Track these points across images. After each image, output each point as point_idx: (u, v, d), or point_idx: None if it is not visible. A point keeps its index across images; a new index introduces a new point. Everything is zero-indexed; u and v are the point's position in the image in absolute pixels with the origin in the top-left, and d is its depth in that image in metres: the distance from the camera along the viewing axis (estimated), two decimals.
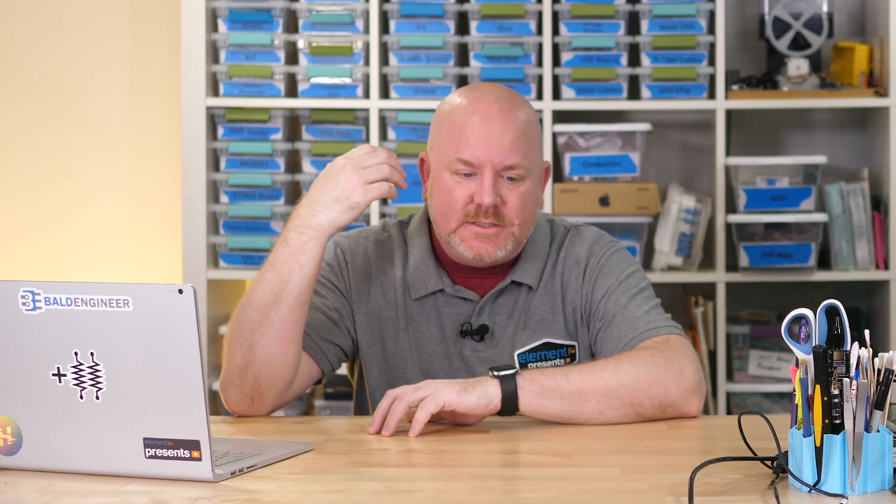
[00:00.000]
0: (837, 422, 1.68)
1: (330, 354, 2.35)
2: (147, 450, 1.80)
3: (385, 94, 3.81)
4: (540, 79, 3.77)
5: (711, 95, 3.77)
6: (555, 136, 3.78)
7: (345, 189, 2.22)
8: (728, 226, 3.76)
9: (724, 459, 1.79)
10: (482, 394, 2.10)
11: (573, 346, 2.37)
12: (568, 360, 2.36)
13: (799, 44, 3.81)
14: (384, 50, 3.81)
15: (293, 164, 3.90)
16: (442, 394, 2.08)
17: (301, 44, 3.81)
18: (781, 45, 3.80)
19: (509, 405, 2.11)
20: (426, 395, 2.08)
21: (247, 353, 2.22)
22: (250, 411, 2.26)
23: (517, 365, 2.34)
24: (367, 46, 3.78)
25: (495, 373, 2.12)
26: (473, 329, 2.36)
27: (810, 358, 1.69)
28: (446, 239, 2.34)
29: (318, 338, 2.33)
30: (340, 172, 2.23)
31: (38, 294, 1.81)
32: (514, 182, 2.32)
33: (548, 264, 2.40)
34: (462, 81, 3.78)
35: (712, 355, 3.79)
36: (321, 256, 2.22)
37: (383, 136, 3.81)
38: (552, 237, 2.43)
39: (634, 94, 3.84)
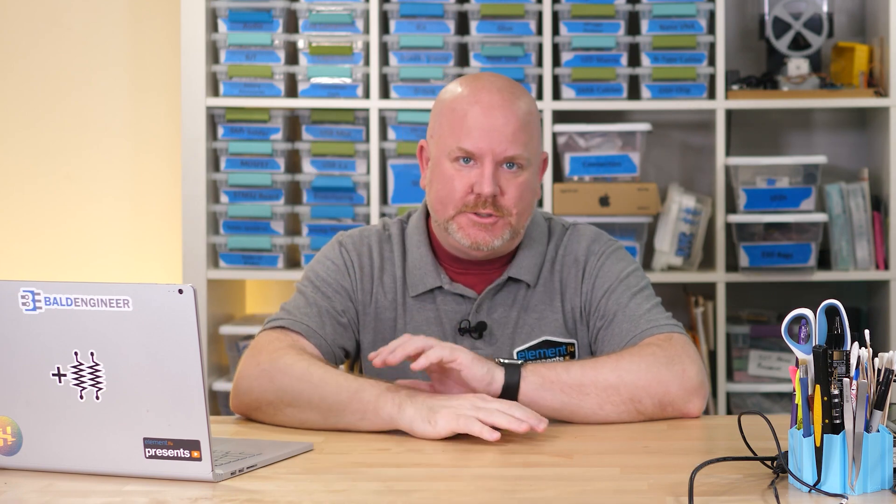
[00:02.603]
0: (837, 422, 1.68)
1: (338, 358, 2.37)
2: (147, 450, 1.80)
3: (385, 94, 3.81)
4: (540, 79, 3.76)
5: (711, 95, 3.77)
6: (555, 136, 3.78)
7: (445, 409, 2.05)
8: (728, 226, 3.76)
9: (724, 459, 1.79)
10: (489, 371, 2.12)
11: (572, 345, 2.37)
12: (567, 357, 2.36)
13: (799, 44, 3.81)
14: (384, 50, 3.81)
15: (293, 164, 3.90)
16: (458, 350, 2.10)
17: (301, 44, 3.81)
18: (781, 45, 3.80)
19: (509, 392, 2.12)
20: (443, 345, 2.11)
21: (269, 410, 2.19)
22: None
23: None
24: (367, 46, 3.78)
25: (503, 360, 2.15)
26: (472, 326, 2.36)
27: (810, 358, 1.69)
28: (444, 226, 2.34)
29: (332, 343, 2.33)
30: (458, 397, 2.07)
31: (38, 294, 1.81)
32: (514, 172, 2.32)
33: (546, 262, 2.40)
34: None
35: (712, 355, 3.79)
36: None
37: (383, 136, 3.81)
38: (549, 235, 2.43)
39: (634, 94, 3.83)
